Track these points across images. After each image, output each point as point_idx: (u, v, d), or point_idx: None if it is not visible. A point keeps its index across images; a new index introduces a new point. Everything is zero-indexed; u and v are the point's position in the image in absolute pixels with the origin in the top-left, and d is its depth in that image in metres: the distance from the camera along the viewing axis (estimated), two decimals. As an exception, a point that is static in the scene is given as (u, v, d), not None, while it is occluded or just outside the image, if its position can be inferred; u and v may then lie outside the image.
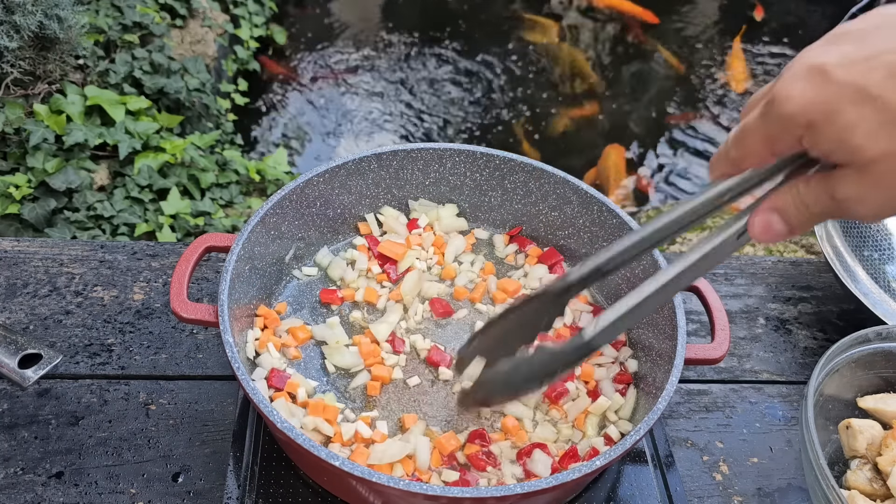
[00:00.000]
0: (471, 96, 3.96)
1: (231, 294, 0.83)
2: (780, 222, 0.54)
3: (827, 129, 0.48)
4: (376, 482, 0.68)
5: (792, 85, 0.49)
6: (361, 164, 1.01)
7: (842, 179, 0.49)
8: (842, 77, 0.47)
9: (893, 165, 0.47)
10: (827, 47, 0.49)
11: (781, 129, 0.50)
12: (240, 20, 3.75)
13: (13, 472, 0.85)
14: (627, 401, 0.90)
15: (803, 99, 0.48)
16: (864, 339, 0.91)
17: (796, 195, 0.53)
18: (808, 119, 0.48)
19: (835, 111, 0.47)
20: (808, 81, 0.48)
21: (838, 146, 0.48)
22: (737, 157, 0.55)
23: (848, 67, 0.47)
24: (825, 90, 0.47)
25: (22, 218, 2.24)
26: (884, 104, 0.46)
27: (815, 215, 0.53)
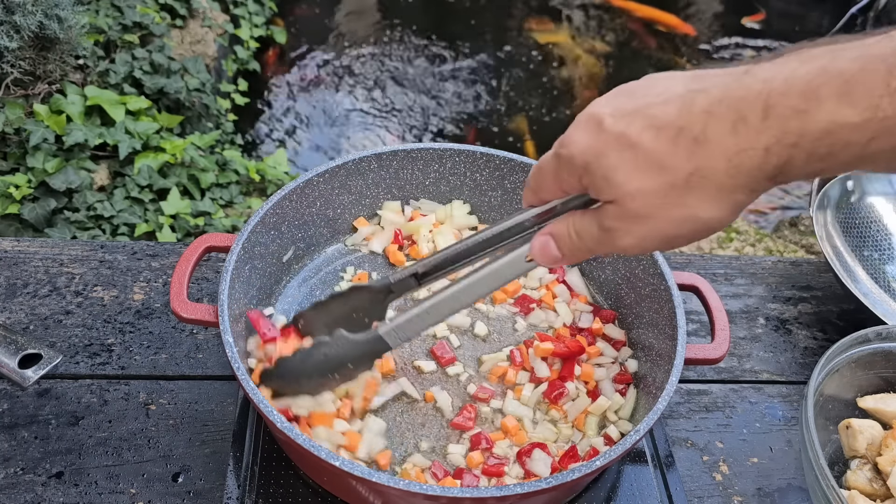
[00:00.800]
0: (472, 96, 3.96)
1: (231, 294, 0.83)
2: (554, 247, 0.61)
3: (597, 170, 0.55)
4: (376, 482, 0.68)
5: (575, 132, 0.57)
6: (361, 164, 1.01)
7: (608, 212, 0.56)
8: (611, 127, 0.54)
9: (647, 203, 0.54)
10: (608, 100, 0.57)
11: (565, 169, 0.58)
12: (240, 20, 3.75)
13: (13, 472, 0.85)
14: (627, 401, 0.90)
15: (581, 144, 0.56)
16: (864, 339, 0.91)
17: (570, 224, 0.60)
18: (584, 161, 0.55)
19: (603, 154, 0.54)
20: (587, 130, 0.56)
21: (604, 184, 0.55)
22: (535, 189, 0.63)
23: (617, 118, 0.54)
24: (598, 138, 0.55)
25: (22, 218, 2.24)
26: (641, 150, 0.53)
27: (586, 244, 0.59)
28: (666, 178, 0.52)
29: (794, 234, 3.12)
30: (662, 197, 0.53)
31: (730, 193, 0.52)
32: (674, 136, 0.51)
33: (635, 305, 0.98)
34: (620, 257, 1.00)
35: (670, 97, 0.53)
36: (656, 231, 0.55)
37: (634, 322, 0.98)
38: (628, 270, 0.99)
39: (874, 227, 1.20)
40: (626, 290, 1.00)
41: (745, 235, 3.00)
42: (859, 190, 1.24)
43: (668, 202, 0.53)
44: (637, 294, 0.97)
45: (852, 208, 1.22)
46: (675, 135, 0.51)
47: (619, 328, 1.00)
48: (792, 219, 3.28)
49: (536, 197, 0.64)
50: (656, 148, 0.52)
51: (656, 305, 0.92)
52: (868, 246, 1.18)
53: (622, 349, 0.97)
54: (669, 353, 0.84)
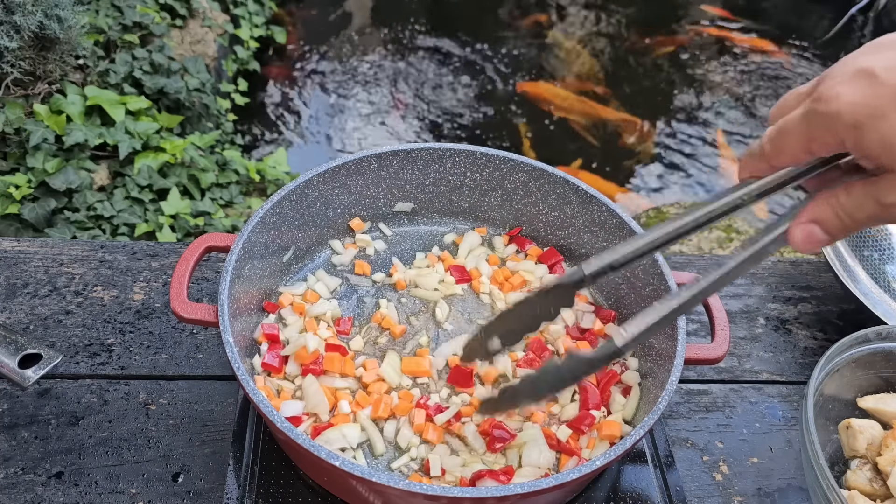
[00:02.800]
0: (473, 96, 3.96)
1: (231, 294, 0.83)
2: (821, 232, 0.54)
3: (873, 132, 0.47)
4: (376, 482, 0.68)
5: (839, 86, 0.49)
6: (361, 164, 1.01)
7: (889, 183, 0.49)
8: (890, 80, 0.47)
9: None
10: (871, 54, 0.49)
11: (825, 129, 0.50)
12: (240, 20, 3.75)
13: (13, 472, 0.85)
14: (628, 401, 0.90)
15: (851, 99, 0.48)
16: (864, 339, 0.91)
17: (837, 205, 0.53)
18: (855, 120, 0.48)
19: (882, 114, 0.47)
20: (856, 83, 0.48)
21: (885, 150, 0.48)
22: (772, 154, 0.55)
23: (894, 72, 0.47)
24: (873, 92, 0.47)
25: (22, 218, 2.24)
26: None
27: (859, 222, 0.53)
28: None
29: (794, 234, 3.12)
30: None
31: None
32: None
33: (635, 305, 0.98)
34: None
35: None
36: None
37: (634, 322, 0.98)
38: (628, 270, 0.99)
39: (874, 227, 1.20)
40: (625, 290, 1.00)
41: (746, 235, 3.00)
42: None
43: None
44: (637, 294, 0.97)
45: (852, 208, 1.21)
46: None
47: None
48: (792, 219, 3.27)
49: (766, 163, 0.56)
50: None
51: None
52: (868, 246, 1.18)
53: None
54: (669, 353, 0.84)
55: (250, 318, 0.93)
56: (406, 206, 1.09)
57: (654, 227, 0.62)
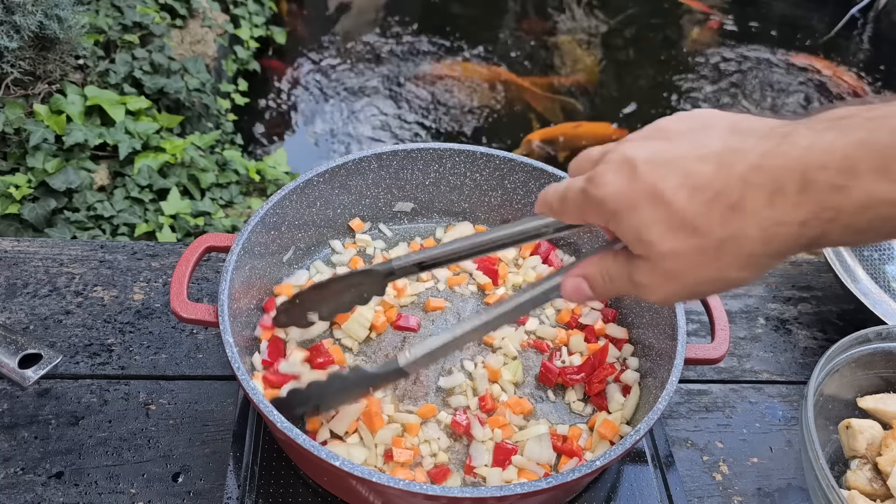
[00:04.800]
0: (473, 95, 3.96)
1: (231, 294, 0.83)
2: (587, 288, 0.61)
3: (627, 221, 0.53)
4: (376, 482, 0.68)
5: (609, 173, 0.54)
6: (361, 164, 1.01)
7: (638, 267, 0.55)
8: (644, 175, 0.52)
9: (678, 264, 0.52)
10: (643, 142, 0.55)
11: (594, 210, 0.56)
12: (240, 20, 3.75)
13: (13, 472, 0.85)
14: (628, 401, 0.90)
15: (613, 189, 0.54)
16: (864, 339, 0.91)
17: (602, 268, 0.59)
18: (614, 208, 0.54)
19: (635, 207, 0.52)
20: (619, 173, 0.54)
21: (635, 238, 0.53)
22: (557, 211, 0.61)
23: (652, 167, 0.52)
24: (630, 185, 0.53)
25: (22, 218, 2.24)
26: (674, 209, 0.51)
27: (618, 289, 0.59)
28: (698, 242, 0.51)
29: (794, 234, 3.12)
30: (693, 258, 0.52)
31: (760, 258, 0.51)
32: (709, 199, 0.50)
33: (635, 305, 0.98)
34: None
35: (708, 153, 0.51)
36: (684, 289, 0.54)
37: (634, 322, 0.98)
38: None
39: (874, 227, 1.20)
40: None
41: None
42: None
43: (699, 263, 0.52)
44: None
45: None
46: (710, 198, 0.50)
47: (620, 327, 1.00)
48: (792, 219, 3.27)
49: (553, 214, 0.63)
50: (690, 210, 0.50)
51: (656, 305, 0.92)
52: (868, 246, 1.18)
53: (623, 347, 0.97)
54: (669, 353, 0.84)
55: (250, 318, 0.93)
56: (406, 206, 1.09)
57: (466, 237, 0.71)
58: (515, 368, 0.93)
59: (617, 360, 0.96)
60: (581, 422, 0.90)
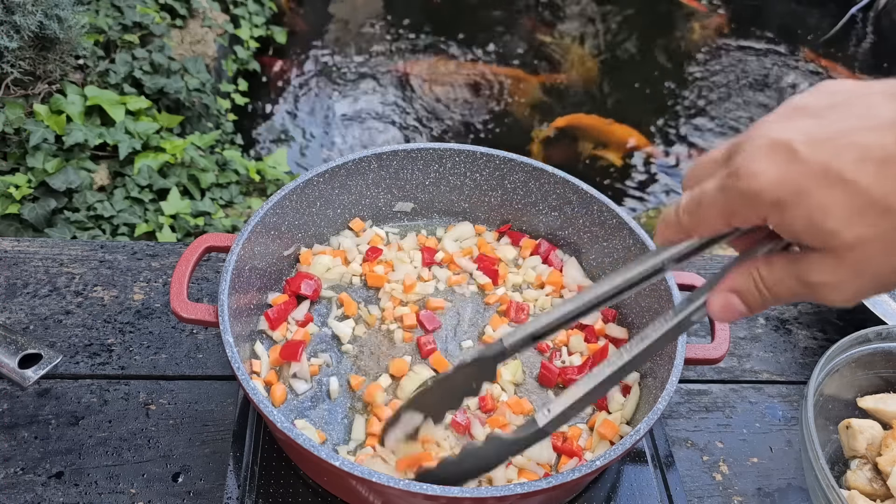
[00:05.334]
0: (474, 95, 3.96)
1: (231, 294, 0.83)
2: (739, 303, 0.53)
3: (797, 211, 0.46)
4: (376, 482, 0.68)
5: (757, 161, 0.47)
6: (361, 164, 1.01)
7: (814, 264, 0.48)
8: (810, 156, 0.45)
9: (871, 253, 0.45)
10: (787, 123, 0.48)
11: (744, 206, 0.48)
12: (240, 20, 3.75)
13: (13, 472, 0.85)
14: (627, 401, 0.90)
15: (771, 177, 0.46)
16: (864, 339, 0.91)
17: (758, 278, 0.52)
18: (776, 198, 0.46)
19: (804, 192, 0.45)
20: (773, 159, 0.46)
21: (809, 229, 0.46)
22: (690, 226, 0.54)
23: (814, 146, 0.45)
24: (793, 169, 0.46)
25: (22, 218, 2.24)
26: (858, 189, 0.44)
27: (779, 297, 0.51)
28: (886, 224, 0.44)
29: (794, 234, 3.12)
30: (887, 244, 0.45)
31: None
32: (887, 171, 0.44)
33: (635, 305, 0.98)
34: (621, 256, 1.00)
35: (881, 123, 0.45)
36: (875, 281, 0.47)
37: (634, 322, 0.98)
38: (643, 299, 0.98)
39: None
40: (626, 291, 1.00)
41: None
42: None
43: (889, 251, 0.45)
44: (637, 294, 0.97)
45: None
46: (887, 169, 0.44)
47: (620, 327, 1.00)
48: (792, 219, 3.27)
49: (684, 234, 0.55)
50: (880, 187, 0.44)
51: (656, 305, 0.92)
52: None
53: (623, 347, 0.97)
54: (669, 353, 0.84)
55: (250, 318, 0.93)
56: (406, 206, 1.09)
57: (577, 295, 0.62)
58: (515, 369, 0.93)
59: (617, 360, 0.96)
60: (581, 422, 0.90)
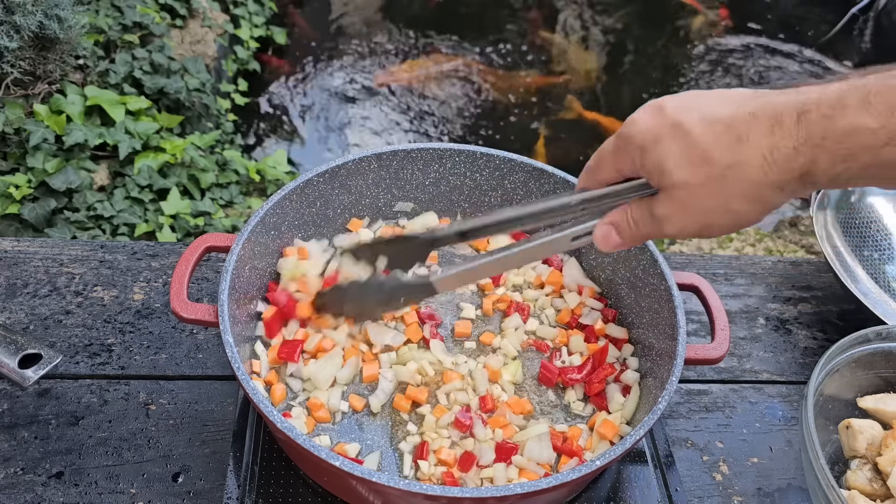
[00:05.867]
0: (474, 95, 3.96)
1: (231, 294, 0.83)
2: (615, 235, 0.66)
3: (652, 154, 0.60)
4: (376, 482, 0.68)
5: (639, 114, 0.62)
6: (361, 164, 1.01)
7: (658, 201, 0.62)
8: (671, 114, 0.60)
9: (690, 193, 0.59)
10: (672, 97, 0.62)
11: (623, 149, 0.63)
12: (240, 20, 3.75)
13: (13, 472, 0.85)
14: (627, 401, 0.90)
15: (642, 125, 0.61)
16: (864, 339, 0.91)
17: (628, 214, 0.65)
18: (642, 142, 0.60)
19: (659, 140, 0.59)
20: (649, 113, 0.61)
21: (656, 170, 0.60)
22: (595, 169, 0.67)
23: (678, 108, 0.60)
24: (657, 121, 0.60)
25: (22, 218, 2.24)
26: (692, 140, 0.58)
27: (641, 231, 0.65)
28: (708, 170, 0.58)
29: (794, 234, 3.12)
30: (703, 187, 0.58)
31: (760, 188, 0.57)
32: (721, 131, 0.57)
33: (635, 305, 0.98)
34: (621, 257, 1.00)
35: (727, 100, 0.59)
36: (695, 220, 0.61)
37: (634, 322, 0.98)
38: (629, 270, 0.99)
39: (874, 227, 1.20)
40: (626, 290, 1.00)
41: (745, 235, 3.00)
42: (859, 190, 1.24)
43: (708, 192, 0.58)
44: (637, 294, 0.97)
45: (852, 208, 1.22)
46: (722, 130, 0.57)
47: (620, 327, 1.00)
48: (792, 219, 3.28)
49: (593, 178, 0.67)
50: (704, 140, 0.58)
51: (656, 305, 0.92)
52: (868, 246, 1.18)
53: (623, 347, 0.97)
54: (669, 353, 0.84)
55: (250, 318, 0.93)
56: (406, 206, 1.09)
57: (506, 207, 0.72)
58: (515, 369, 0.93)
59: (617, 360, 0.96)
60: (581, 422, 0.90)
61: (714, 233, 0.62)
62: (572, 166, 0.88)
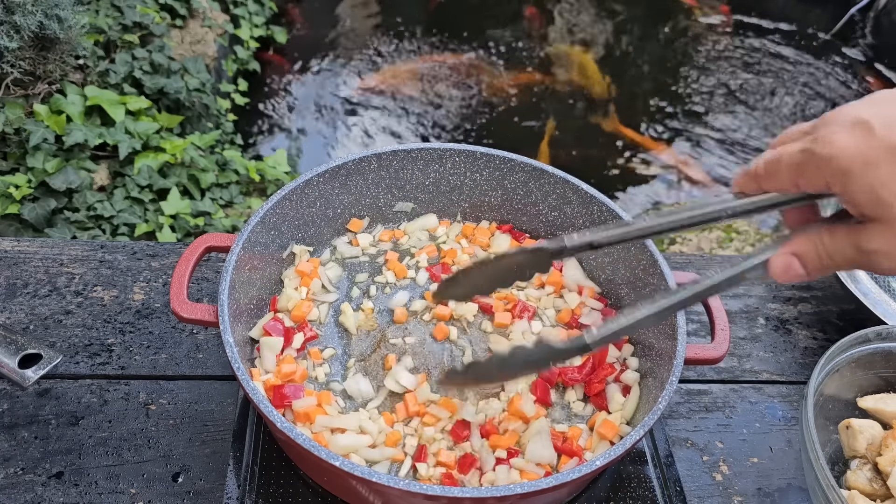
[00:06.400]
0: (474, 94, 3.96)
1: (231, 294, 0.83)
2: (799, 266, 0.59)
3: (861, 180, 0.52)
4: (376, 482, 0.68)
5: (837, 133, 0.53)
6: (361, 164, 1.01)
7: (869, 232, 0.53)
8: (884, 135, 0.51)
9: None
10: (869, 107, 0.54)
11: (817, 168, 0.54)
12: (240, 20, 3.75)
13: (13, 472, 0.85)
14: (628, 401, 0.90)
15: (845, 147, 0.52)
16: (864, 339, 0.91)
17: (819, 244, 0.57)
18: (846, 166, 0.52)
19: (872, 164, 0.51)
20: (852, 133, 0.52)
21: (869, 198, 0.52)
22: (763, 177, 0.60)
23: (890, 128, 0.51)
24: (867, 143, 0.52)
25: (22, 218, 2.24)
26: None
27: (837, 264, 0.57)
28: None
29: (794, 234, 3.12)
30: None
31: None
32: None
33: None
34: (621, 256, 1.00)
35: None
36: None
37: (634, 322, 0.98)
38: (628, 270, 0.99)
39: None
40: (626, 291, 1.00)
41: (745, 235, 3.00)
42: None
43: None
44: (637, 294, 0.97)
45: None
46: None
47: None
48: (792, 219, 3.27)
49: (756, 184, 0.61)
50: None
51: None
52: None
53: (623, 347, 0.97)
54: (669, 353, 0.84)
55: (250, 317, 0.93)
56: (406, 206, 1.09)
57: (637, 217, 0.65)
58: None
59: (617, 360, 0.96)
60: (581, 422, 0.90)
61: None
62: (574, 166, 0.88)
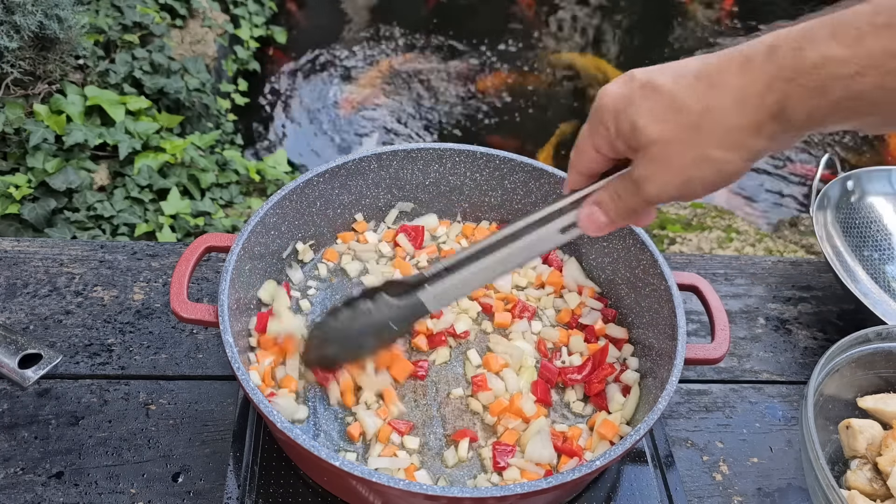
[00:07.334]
0: (474, 94, 3.96)
1: (231, 294, 0.83)
2: (600, 213, 0.65)
3: (625, 116, 0.59)
4: (376, 482, 0.68)
5: (610, 85, 0.62)
6: (361, 164, 1.01)
7: (637, 164, 0.60)
8: (641, 77, 0.59)
9: (671, 147, 0.57)
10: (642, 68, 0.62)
11: (599, 122, 0.62)
12: (240, 20, 3.75)
13: (13, 472, 0.85)
14: (627, 401, 0.90)
15: (614, 94, 0.61)
16: (864, 339, 0.91)
17: (612, 190, 0.64)
18: (615, 109, 0.60)
19: (631, 100, 0.59)
20: (619, 82, 0.61)
21: (631, 131, 0.59)
22: (574, 160, 0.66)
23: (647, 72, 0.60)
24: (628, 86, 0.60)
25: (22, 218, 2.24)
26: (664, 94, 0.57)
27: (626, 202, 0.63)
28: (680, 120, 0.57)
29: (794, 234, 3.12)
30: (678, 139, 0.57)
31: (736, 132, 0.55)
32: (692, 80, 0.57)
33: (635, 305, 0.98)
34: (621, 256, 1.00)
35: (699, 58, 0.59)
36: (675, 175, 0.58)
37: (634, 322, 0.98)
38: (629, 270, 0.99)
39: (874, 227, 1.20)
40: (626, 290, 1.00)
41: (745, 235, 3.00)
42: (859, 190, 1.24)
43: (683, 143, 0.57)
44: (637, 294, 0.97)
45: (852, 208, 1.22)
46: (693, 80, 0.57)
47: (620, 327, 1.00)
48: (792, 219, 3.28)
49: (577, 170, 0.67)
50: (674, 90, 0.57)
51: (656, 305, 0.92)
52: (868, 246, 1.18)
53: (623, 347, 0.97)
54: (669, 353, 0.84)
55: (250, 318, 0.93)
56: (406, 206, 1.09)
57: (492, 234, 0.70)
58: (530, 375, 0.93)
59: (617, 360, 0.96)
60: (581, 422, 0.90)
61: (697, 189, 0.59)
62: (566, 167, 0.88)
